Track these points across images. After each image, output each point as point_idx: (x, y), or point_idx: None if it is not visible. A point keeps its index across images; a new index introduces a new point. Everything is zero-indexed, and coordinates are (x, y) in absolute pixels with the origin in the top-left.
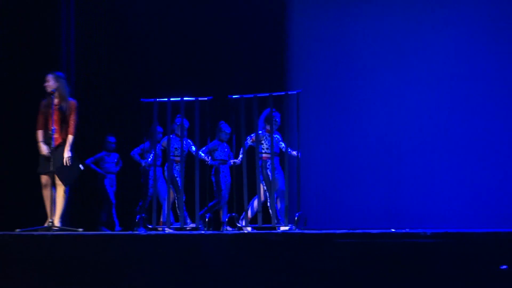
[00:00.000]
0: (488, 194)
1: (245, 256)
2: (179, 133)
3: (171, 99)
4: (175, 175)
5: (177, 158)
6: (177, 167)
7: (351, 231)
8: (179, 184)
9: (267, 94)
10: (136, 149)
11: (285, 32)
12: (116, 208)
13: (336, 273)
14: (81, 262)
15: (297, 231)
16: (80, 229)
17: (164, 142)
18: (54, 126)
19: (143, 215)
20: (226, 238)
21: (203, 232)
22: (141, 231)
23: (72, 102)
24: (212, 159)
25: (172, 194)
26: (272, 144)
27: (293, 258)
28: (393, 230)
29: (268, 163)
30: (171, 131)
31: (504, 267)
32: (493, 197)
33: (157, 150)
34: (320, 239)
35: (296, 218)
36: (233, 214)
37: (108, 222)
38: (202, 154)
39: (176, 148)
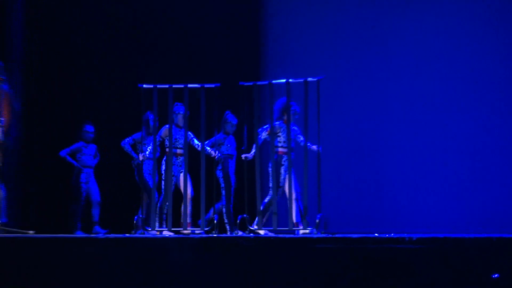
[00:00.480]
0: (477, 199)
1: (213, 262)
2: (179, 123)
3: (174, 85)
4: (174, 172)
5: (179, 151)
6: (177, 161)
7: (330, 235)
8: (174, 181)
9: (284, 81)
10: (127, 139)
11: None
12: (102, 207)
13: (315, 280)
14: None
15: (318, 235)
16: (31, 232)
17: (164, 133)
18: None
19: (141, 215)
20: (192, 242)
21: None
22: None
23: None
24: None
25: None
26: (289, 137)
27: (266, 265)
28: (376, 234)
29: (284, 159)
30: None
31: (496, 275)
32: (481, 201)
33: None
34: (299, 244)
35: (317, 220)
36: (245, 216)
37: (75, 222)
38: (208, 148)
39: (176, 139)
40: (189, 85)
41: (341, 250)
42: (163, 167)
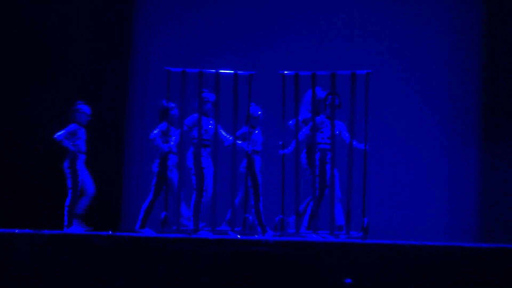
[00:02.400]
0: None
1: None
2: (209, 113)
3: (204, 70)
4: (204, 165)
5: (207, 143)
6: (205, 153)
7: (187, 236)
8: (205, 175)
9: (328, 72)
10: (156, 131)
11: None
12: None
13: (170, 281)
14: None
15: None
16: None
17: (192, 122)
18: None
19: (165, 213)
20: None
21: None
22: (147, 232)
23: None
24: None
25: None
26: (333, 133)
27: (122, 265)
28: (239, 236)
29: (329, 156)
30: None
31: (348, 281)
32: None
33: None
34: (152, 244)
35: (366, 225)
36: (281, 217)
37: (71, 216)
38: (239, 142)
39: (206, 131)
40: (221, 71)
41: (199, 251)
42: (188, 160)
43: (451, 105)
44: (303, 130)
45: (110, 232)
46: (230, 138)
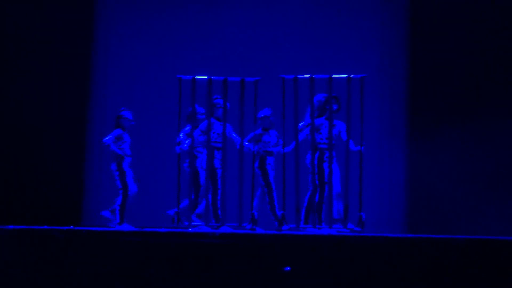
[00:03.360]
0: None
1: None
2: (221, 117)
3: (213, 77)
4: (216, 165)
5: (219, 145)
6: (218, 155)
7: (137, 229)
8: (218, 175)
9: (326, 76)
10: (182, 135)
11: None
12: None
13: (121, 273)
14: None
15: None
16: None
17: (206, 127)
18: None
19: (176, 210)
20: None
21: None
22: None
23: None
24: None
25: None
26: (331, 134)
27: (81, 258)
28: (190, 230)
29: (326, 155)
30: (210, 114)
31: (287, 268)
32: None
33: (195, 135)
34: (102, 237)
35: (362, 219)
36: (282, 212)
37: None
38: (246, 143)
39: (218, 134)
40: (229, 78)
41: (151, 244)
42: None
43: (380, 103)
44: (304, 131)
45: (71, 226)
46: (243, 140)
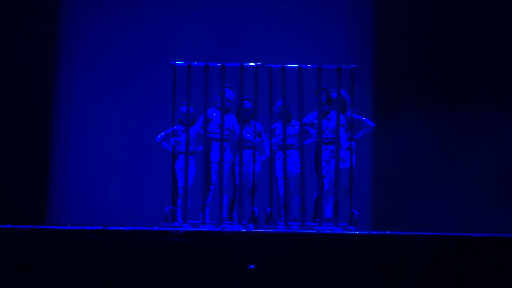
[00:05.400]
0: None
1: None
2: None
3: (210, 64)
4: (211, 159)
5: (216, 136)
6: (216, 147)
7: (103, 227)
8: (212, 169)
9: (315, 66)
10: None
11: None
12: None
13: (88, 272)
14: None
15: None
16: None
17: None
18: None
19: (171, 207)
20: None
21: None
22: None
23: None
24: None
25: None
26: (320, 128)
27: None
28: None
29: (323, 148)
30: (214, 102)
31: (252, 266)
32: None
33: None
34: (71, 236)
35: (355, 217)
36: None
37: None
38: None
39: (228, 128)
40: (227, 64)
41: (114, 242)
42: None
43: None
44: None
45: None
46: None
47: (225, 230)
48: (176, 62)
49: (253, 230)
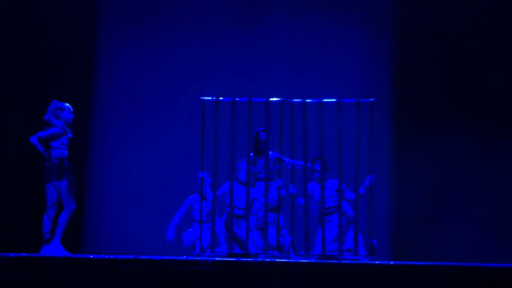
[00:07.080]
0: None
1: None
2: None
3: (237, 99)
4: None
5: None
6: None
7: (134, 256)
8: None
9: (336, 100)
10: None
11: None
12: None
13: None
14: None
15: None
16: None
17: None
18: None
19: (199, 237)
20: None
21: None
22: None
23: None
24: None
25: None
26: (323, 194)
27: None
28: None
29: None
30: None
31: None
32: None
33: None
34: (101, 265)
35: (374, 246)
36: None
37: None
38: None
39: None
40: (254, 99)
41: (146, 272)
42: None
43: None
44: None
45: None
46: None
47: (250, 260)
48: (205, 98)
49: (277, 260)
